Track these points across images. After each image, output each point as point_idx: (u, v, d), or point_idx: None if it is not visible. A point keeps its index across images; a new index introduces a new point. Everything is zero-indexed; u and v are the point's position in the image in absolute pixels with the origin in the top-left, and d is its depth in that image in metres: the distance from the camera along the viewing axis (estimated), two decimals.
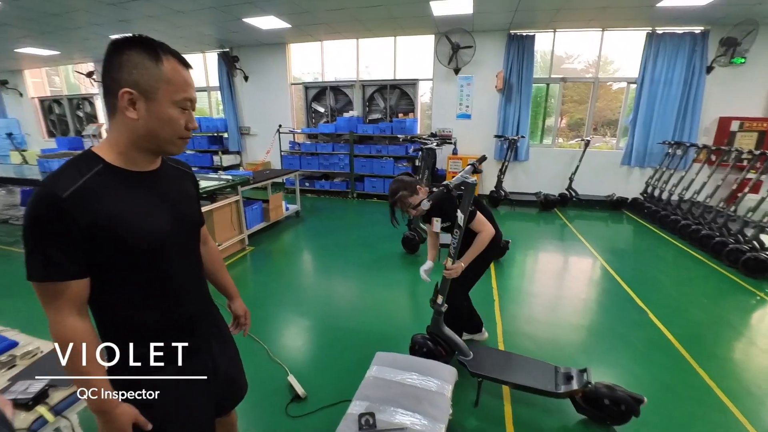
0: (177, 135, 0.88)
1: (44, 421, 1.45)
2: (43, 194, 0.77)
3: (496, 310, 3.05)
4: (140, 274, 0.89)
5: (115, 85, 0.81)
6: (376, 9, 5.25)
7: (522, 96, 6.41)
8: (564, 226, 5.50)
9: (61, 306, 0.81)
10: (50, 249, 0.77)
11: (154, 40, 0.84)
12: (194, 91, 0.90)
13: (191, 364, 1.00)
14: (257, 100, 8.06)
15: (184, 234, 1.00)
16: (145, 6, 5.08)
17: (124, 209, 0.84)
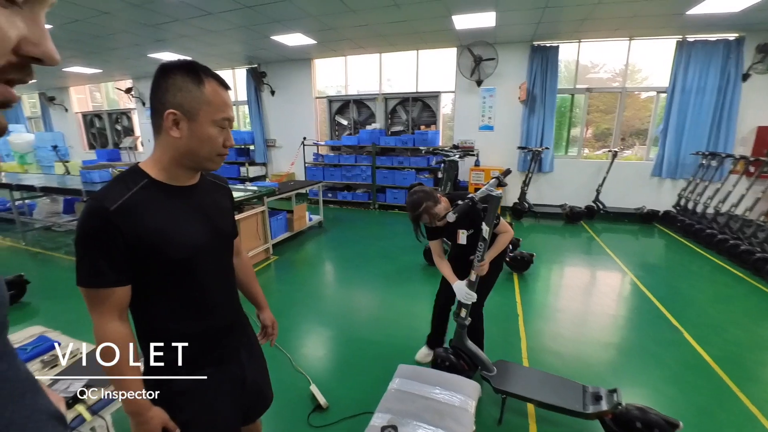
0: (215, 152, 0.94)
1: (82, 420, 1.53)
2: (93, 207, 0.84)
3: (520, 325, 2.99)
4: (176, 282, 0.94)
5: (162, 107, 0.88)
6: (399, 24, 5.37)
7: (546, 107, 6.34)
8: (591, 240, 5.34)
9: (105, 311, 0.87)
10: (97, 258, 0.84)
11: (197, 63, 0.90)
12: (232, 110, 0.95)
13: (220, 372, 1.04)
14: (283, 113, 8.32)
15: (219, 245, 1.05)
16: (180, 26, 5.39)
17: (164, 222, 0.90)
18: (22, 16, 0.36)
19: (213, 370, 1.02)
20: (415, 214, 1.94)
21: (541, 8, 4.69)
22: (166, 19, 5.03)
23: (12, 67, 0.36)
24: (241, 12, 4.78)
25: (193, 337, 0.99)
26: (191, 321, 0.99)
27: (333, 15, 4.96)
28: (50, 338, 2.14)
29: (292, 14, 4.91)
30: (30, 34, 0.37)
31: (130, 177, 0.90)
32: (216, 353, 1.04)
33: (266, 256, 4.54)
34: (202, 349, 1.01)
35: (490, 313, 3.12)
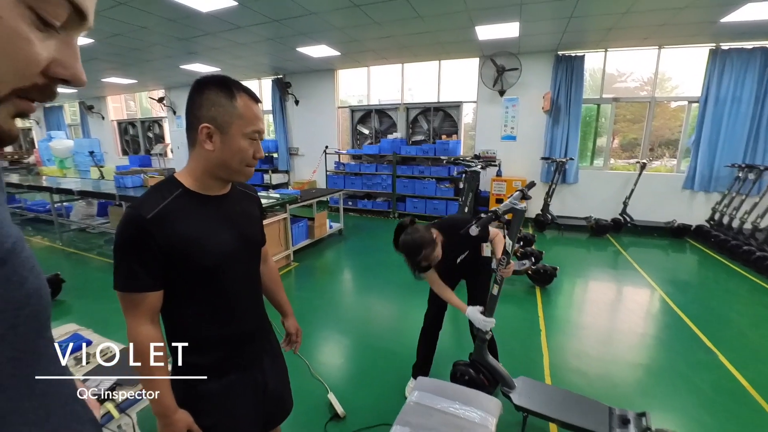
0: (245, 164, 0.97)
1: (110, 417, 1.59)
2: (131, 215, 0.89)
3: (542, 340, 2.91)
4: (204, 289, 0.97)
5: (196, 121, 0.92)
6: (422, 36, 5.42)
7: (571, 117, 6.22)
8: (617, 254, 5.17)
9: (138, 314, 0.91)
10: (133, 264, 0.88)
11: (230, 79, 0.94)
12: (263, 123, 0.99)
13: (243, 378, 1.06)
14: (306, 122, 8.50)
15: (247, 253, 1.08)
16: (210, 39, 5.62)
17: (195, 230, 0.93)
18: (56, 39, 0.36)
19: (236, 376, 1.05)
20: (413, 261, 1.75)
21: (566, 18, 4.65)
22: (198, 32, 5.26)
23: (37, 88, 0.36)
24: (269, 25, 4.95)
25: (219, 342, 1.02)
26: (218, 326, 1.02)
27: (358, 27, 5.06)
28: (83, 336, 2.23)
29: (318, 27, 5.04)
30: (61, 57, 0.37)
31: (166, 186, 0.95)
32: (240, 359, 1.06)
33: (287, 262, 4.61)
34: (226, 354, 1.03)
35: (512, 328, 3.07)
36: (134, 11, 4.37)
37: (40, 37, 0.34)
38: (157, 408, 0.93)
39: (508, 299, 3.65)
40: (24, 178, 7.12)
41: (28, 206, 7.53)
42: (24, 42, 0.33)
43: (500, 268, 1.78)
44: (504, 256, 1.72)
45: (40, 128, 13.89)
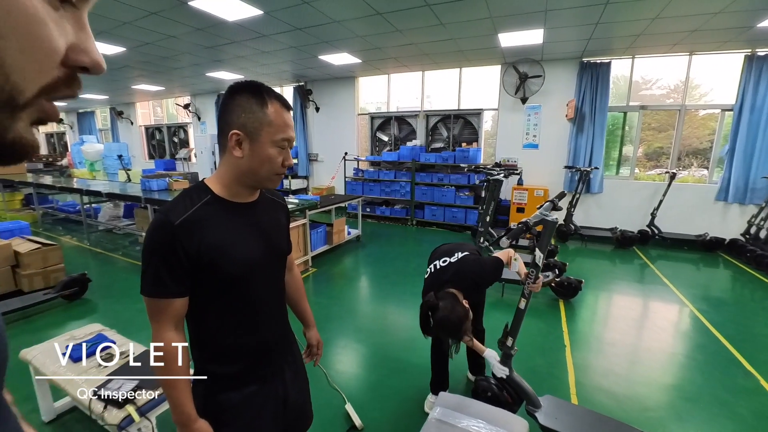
0: (274, 172, 0.95)
1: (131, 420, 1.60)
2: (159, 220, 0.88)
3: (567, 356, 2.80)
4: (229, 297, 0.96)
5: (227, 127, 0.91)
6: (444, 43, 5.40)
7: (595, 125, 6.07)
8: (645, 267, 4.97)
9: (163, 320, 0.90)
10: (160, 270, 0.87)
11: (262, 85, 0.93)
12: (292, 131, 0.97)
13: (264, 390, 1.03)
14: (326, 129, 8.58)
15: (273, 262, 1.06)
16: (236, 48, 5.75)
17: (223, 238, 0.92)
18: (71, 20, 0.30)
19: (257, 387, 1.02)
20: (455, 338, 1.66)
21: (592, 24, 4.54)
22: (224, 41, 5.40)
23: (61, 82, 0.30)
24: (293, 33, 5.03)
25: (241, 352, 1.00)
26: (241, 336, 1.00)
27: (379, 35, 5.08)
28: (107, 337, 2.27)
29: (340, 35, 5.09)
30: (78, 40, 0.30)
31: (195, 192, 0.94)
32: (262, 370, 1.04)
33: (305, 267, 4.62)
34: (248, 365, 1.01)
35: (534, 342, 2.97)
36: (165, 21, 4.52)
37: (55, 19, 0.28)
38: (177, 416, 0.92)
39: (530, 312, 3.52)
40: (57, 180, 7.43)
41: (60, 207, 7.83)
42: (42, 26, 0.27)
43: (528, 283, 1.70)
44: (533, 270, 1.65)
45: (73, 132, 14.53)
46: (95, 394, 1.65)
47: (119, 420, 1.56)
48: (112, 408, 1.60)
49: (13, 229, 4.39)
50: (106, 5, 4.02)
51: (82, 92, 4.38)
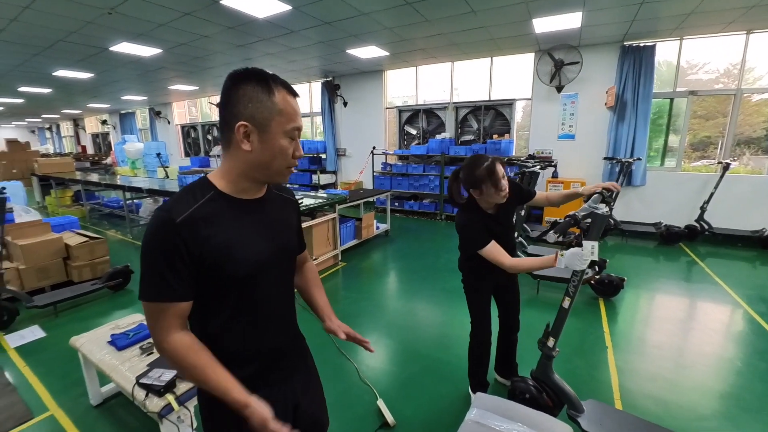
0: (285, 165, 0.90)
1: (170, 409, 1.64)
2: (160, 219, 0.80)
3: (609, 358, 2.65)
4: (234, 300, 0.89)
5: (233, 119, 0.84)
6: (475, 32, 5.23)
7: (638, 113, 5.70)
8: (693, 265, 4.63)
9: (168, 325, 0.82)
10: (164, 271, 0.80)
11: (266, 72, 0.86)
12: (301, 119, 0.91)
13: (271, 396, 0.92)
14: (354, 123, 8.58)
15: (281, 263, 0.99)
16: (266, 45, 5.83)
17: (227, 237, 0.85)
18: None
19: (265, 393, 0.91)
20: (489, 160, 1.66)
21: (636, 5, 4.24)
22: (254, 39, 5.48)
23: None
24: (321, 28, 5.02)
25: (247, 357, 0.94)
26: (247, 340, 0.93)
27: (408, 26, 4.99)
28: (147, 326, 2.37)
29: (367, 28, 5.03)
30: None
31: (198, 188, 0.88)
32: (270, 376, 0.98)
33: (335, 262, 4.65)
34: (255, 370, 0.95)
35: (573, 342, 2.83)
36: (198, 21, 4.63)
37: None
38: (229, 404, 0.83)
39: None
40: (102, 177, 7.87)
41: (105, 203, 8.31)
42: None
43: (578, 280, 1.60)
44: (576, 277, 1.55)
45: (116, 132, 15.36)
46: (137, 382, 1.71)
47: (160, 408, 1.61)
48: (153, 396, 1.65)
49: (64, 224, 4.67)
50: (145, 8, 4.16)
51: (124, 94, 4.60)
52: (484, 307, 2.01)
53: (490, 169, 1.64)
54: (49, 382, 2.51)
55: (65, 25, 4.64)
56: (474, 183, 1.69)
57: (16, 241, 3.80)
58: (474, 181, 1.68)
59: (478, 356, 2.09)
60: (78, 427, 2.10)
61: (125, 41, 5.41)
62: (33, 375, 2.59)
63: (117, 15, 4.34)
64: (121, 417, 2.17)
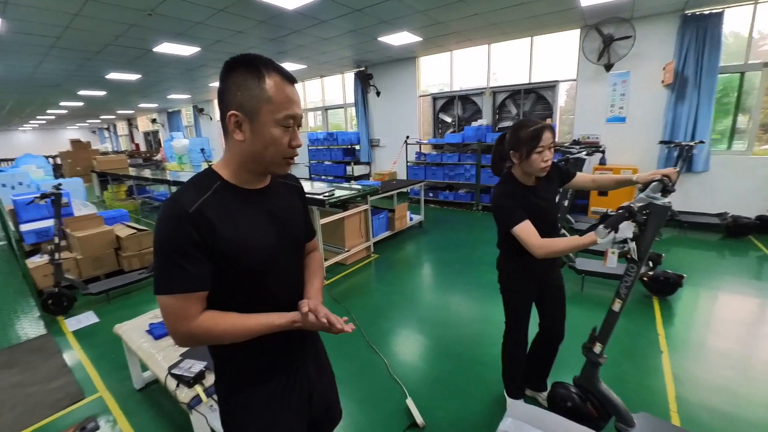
0: (280, 155, 0.86)
1: (199, 400, 1.66)
2: (172, 209, 0.79)
3: (664, 365, 2.39)
4: (244, 290, 0.89)
5: (225, 108, 0.83)
6: (514, 9, 4.90)
7: (701, 91, 5.11)
8: (765, 261, 4.12)
9: (193, 313, 0.81)
10: (180, 261, 0.78)
11: (258, 56, 0.83)
12: (298, 107, 0.86)
13: (288, 385, 0.98)
14: (387, 113, 8.46)
15: (290, 252, 0.98)
16: (297, 37, 5.83)
17: (238, 228, 0.85)
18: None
19: (280, 382, 0.97)
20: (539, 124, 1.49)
21: None
22: (286, 31, 5.49)
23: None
24: (351, 16, 4.93)
25: (262, 346, 0.92)
26: None
27: (442, 8, 4.76)
28: None
29: (399, 12, 4.87)
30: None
31: (205, 179, 0.87)
32: (286, 364, 0.98)
33: (367, 254, 4.61)
34: (269, 360, 0.95)
35: (622, 345, 2.60)
36: (232, 16, 4.70)
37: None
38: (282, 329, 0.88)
39: None
40: (153, 173, 8.35)
41: (155, 196, 8.84)
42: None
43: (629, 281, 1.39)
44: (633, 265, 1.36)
45: (165, 130, 16.29)
46: (169, 372, 1.76)
47: (189, 399, 1.63)
48: (183, 387, 1.68)
49: (115, 216, 5.00)
50: (181, 7, 4.27)
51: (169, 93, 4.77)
52: (523, 309, 1.82)
53: (537, 132, 1.47)
54: (100, 364, 2.68)
55: (111, 29, 4.90)
56: (516, 144, 1.52)
57: (74, 233, 4.10)
58: (516, 142, 1.52)
59: (515, 356, 1.94)
60: (122, 409, 2.22)
61: (166, 41, 5.62)
62: (86, 357, 2.78)
63: (156, 16, 4.50)
64: (160, 402, 2.26)
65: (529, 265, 1.66)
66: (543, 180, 1.63)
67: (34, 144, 21.72)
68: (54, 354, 2.84)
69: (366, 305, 3.39)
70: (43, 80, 7.94)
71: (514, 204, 1.51)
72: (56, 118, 16.64)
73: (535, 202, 1.56)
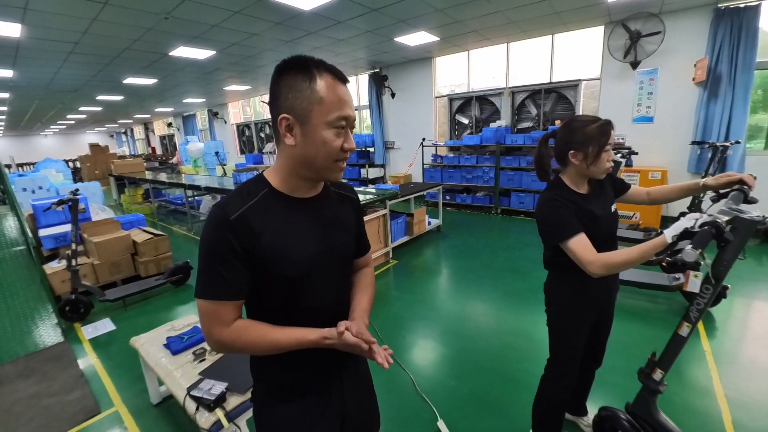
0: (332, 158, 0.82)
1: (220, 425, 1.55)
2: (216, 216, 0.79)
3: (715, 386, 2.20)
4: (283, 301, 0.85)
5: (276, 113, 0.80)
6: (535, 6, 4.73)
7: (736, 88, 4.85)
8: None
9: (226, 321, 0.80)
10: (220, 269, 0.78)
11: (309, 58, 0.79)
12: (351, 108, 0.82)
13: (319, 404, 0.93)
14: (402, 115, 8.33)
15: (335, 265, 0.92)
16: (313, 39, 5.76)
17: (280, 236, 0.82)
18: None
19: (310, 400, 0.92)
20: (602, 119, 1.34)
21: None
22: (301, 33, 5.42)
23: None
24: (368, 16, 4.82)
25: (295, 361, 0.88)
26: None
27: (461, 6, 4.62)
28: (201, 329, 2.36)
29: (417, 11, 4.75)
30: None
31: (254, 185, 0.85)
32: (317, 381, 0.93)
33: (386, 259, 4.49)
34: (303, 375, 0.91)
35: None
36: (248, 18, 4.64)
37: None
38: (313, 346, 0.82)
39: (653, 321, 2.93)
40: (169, 176, 8.39)
41: (170, 200, 8.89)
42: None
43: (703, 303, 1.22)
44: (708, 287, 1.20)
45: (180, 134, 16.48)
46: (188, 393, 1.65)
47: (210, 424, 1.53)
48: (203, 410, 1.57)
49: (132, 221, 4.98)
50: (197, 10, 4.23)
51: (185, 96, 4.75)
52: (577, 343, 1.54)
53: (604, 128, 1.31)
54: (116, 375, 2.62)
55: (129, 33, 4.89)
56: (580, 142, 1.33)
57: (92, 238, 4.07)
58: (580, 140, 1.33)
59: (559, 401, 1.64)
60: (139, 425, 2.13)
61: (182, 45, 5.61)
62: (102, 368, 2.72)
63: (173, 19, 4.48)
64: (178, 418, 2.17)
65: (590, 288, 1.45)
66: (596, 187, 1.47)
67: (55, 148, 22.26)
68: (71, 363, 2.79)
69: (387, 315, 3.26)
70: (63, 85, 8.06)
71: (567, 212, 1.33)
72: (76, 122, 17.00)
73: (590, 209, 1.38)
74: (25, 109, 11.55)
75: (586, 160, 1.34)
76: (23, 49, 5.16)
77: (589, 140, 1.32)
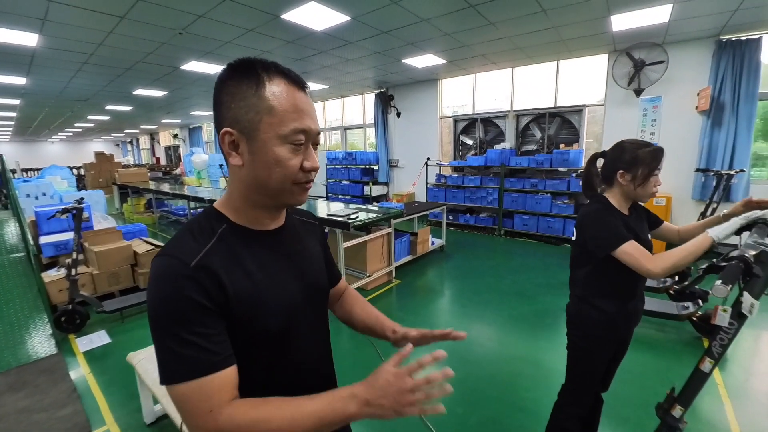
0: (289, 179, 0.66)
1: None
2: (165, 267, 0.60)
3: (730, 420, 2.12)
4: (265, 358, 0.70)
5: (218, 126, 0.66)
6: (543, 33, 4.83)
7: (739, 117, 4.91)
8: None
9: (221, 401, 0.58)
10: (193, 334, 0.58)
11: (259, 60, 0.66)
12: (311, 119, 0.67)
13: None
14: (407, 134, 8.42)
15: (314, 305, 0.80)
16: (322, 58, 5.87)
17: (254, 283, 0.67)
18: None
19: None
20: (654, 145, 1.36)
21: None
22: (312, 52, 5.53)
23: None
24: (378, 38, 4.92)
25: None
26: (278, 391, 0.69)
27: (469, 31, 4.72)
28: None
29: (426, 35, 4.85)
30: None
31: (206, 221, 0.69)
32: None
33: (388, 279, 4.43)
34: None
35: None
36: (261, 37, 4.74)
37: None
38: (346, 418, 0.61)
39: (663, 352, 2.86)
40: (172, 187, 8.40)
41: (173, 210, 8.87)
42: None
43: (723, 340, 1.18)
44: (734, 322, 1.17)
45: (186, 145, 16.62)
46: None
47: None
48: None
49: (134, 231, 4.95)
50: (212, 27, 4.32)
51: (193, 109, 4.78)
52: (598, 369, 1.52)
53: (656, 153, 1.34)
54: (110, 392, 2.53)
55: (143, 47, 4.99)
56: (630, 162, 1.35)
57: (93, 247, 4.03)
58: (631, 161, 1.35)
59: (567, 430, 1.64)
60: None
61: (194, 60, 5.71)
62: (95, 383, 2.64)
63: (187, 35, 4.57)
64: None
65: (622, 312, 1.44)
66: (634, 213, 1.47)
67: (61, 155, 22.45)
68: (63, 377, 2.70)
69: None
70: (74, 94, 8.17)
71: (617, 221, 1.34)
72: (83, 130, 17.19)
73: (633, 229, 1.37)
74: (34, 116, 11.69)
75: (633, 182, 1.36)
76: (38, 58, 5.25)
77: (639, 162, 1.34)
